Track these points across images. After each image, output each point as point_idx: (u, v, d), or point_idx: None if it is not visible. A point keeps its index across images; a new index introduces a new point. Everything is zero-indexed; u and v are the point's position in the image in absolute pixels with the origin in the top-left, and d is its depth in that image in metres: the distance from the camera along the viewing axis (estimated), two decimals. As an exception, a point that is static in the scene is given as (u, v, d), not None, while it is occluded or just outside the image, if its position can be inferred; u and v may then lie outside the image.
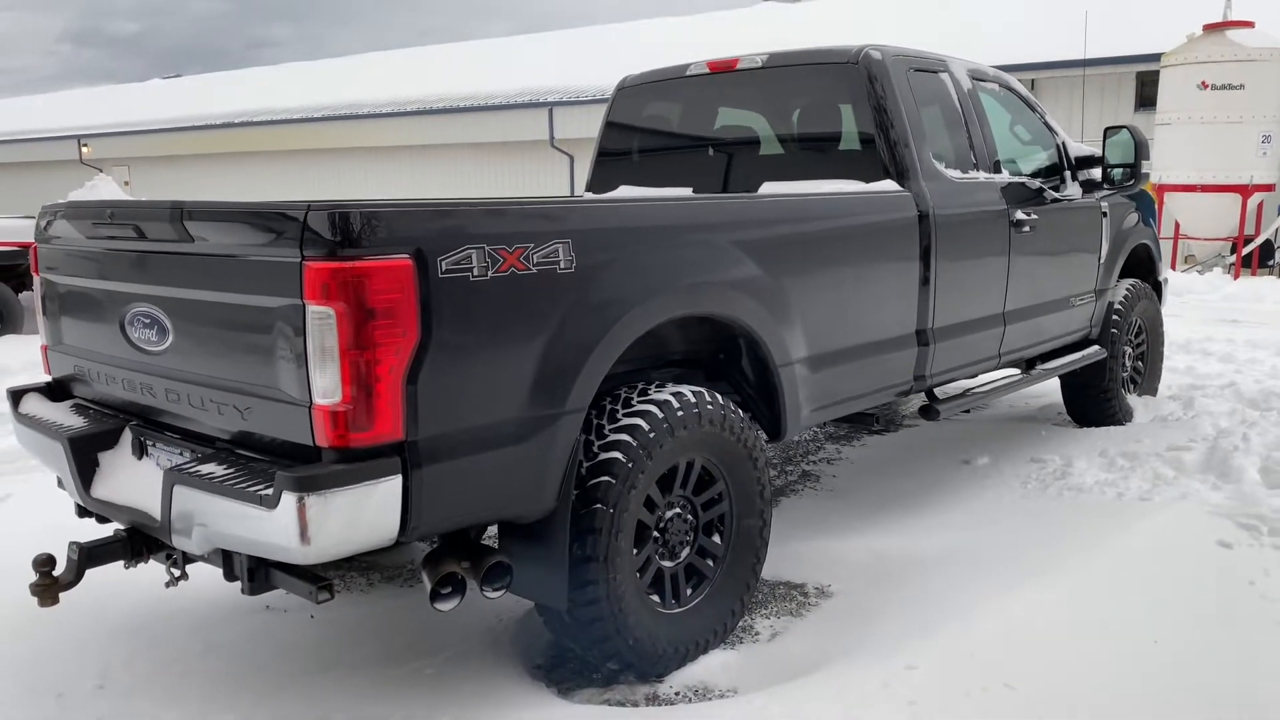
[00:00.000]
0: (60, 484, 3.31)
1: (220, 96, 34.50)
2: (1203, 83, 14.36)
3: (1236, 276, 14.29)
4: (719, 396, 3.40)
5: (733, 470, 3.45)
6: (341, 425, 2.46)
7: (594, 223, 3.06)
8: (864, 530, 4.42)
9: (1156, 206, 7.70)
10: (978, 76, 5.04)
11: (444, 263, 2.57)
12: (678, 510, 3.34)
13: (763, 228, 3.63)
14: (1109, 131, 5.50)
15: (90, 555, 3.06)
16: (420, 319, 2.52)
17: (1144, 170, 5.46)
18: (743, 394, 3.73)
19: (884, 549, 4.16)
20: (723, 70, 4.91)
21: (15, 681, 3.17)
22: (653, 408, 3.15)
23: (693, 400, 3.26)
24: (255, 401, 2.67)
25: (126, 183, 32.96)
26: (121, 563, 3.13)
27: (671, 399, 3.21)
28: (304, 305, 2.45)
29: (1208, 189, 14.52)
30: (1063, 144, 5.51)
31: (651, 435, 3.10)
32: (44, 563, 2.99)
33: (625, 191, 5.12)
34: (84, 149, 33.52)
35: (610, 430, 3.08)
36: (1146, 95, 17.60)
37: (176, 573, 3.09)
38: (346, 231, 2.42)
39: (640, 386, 3.26)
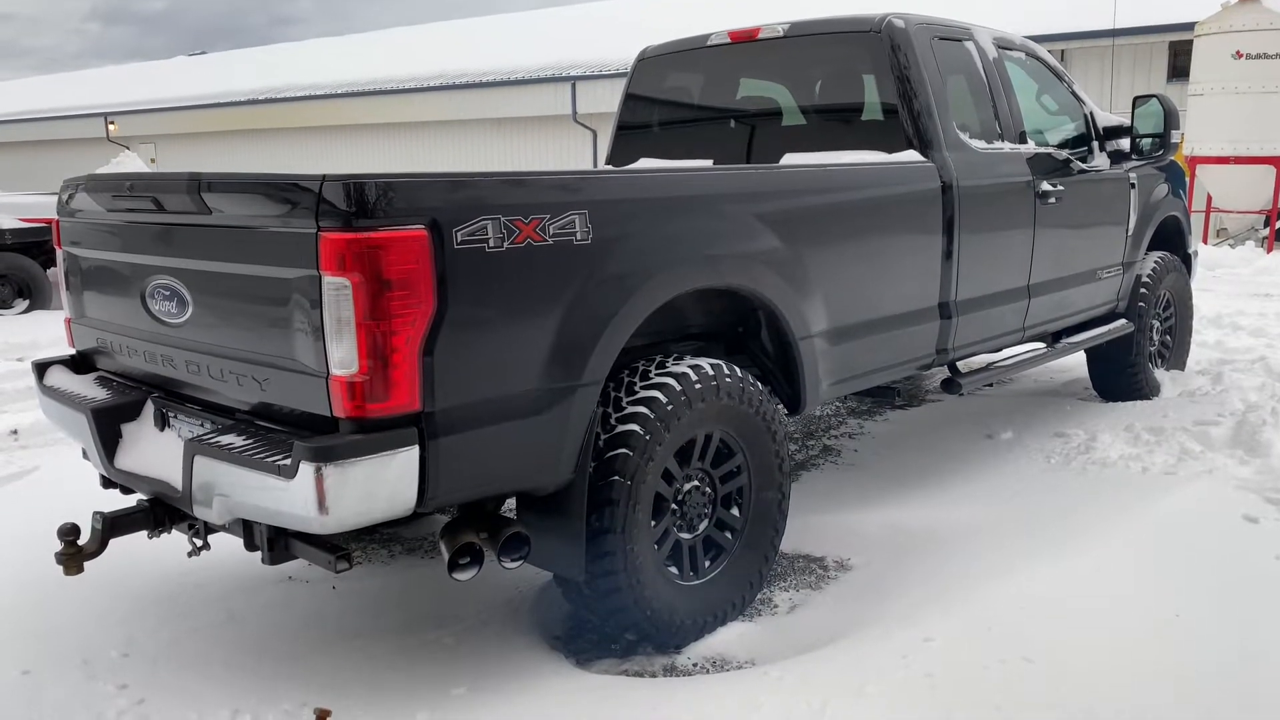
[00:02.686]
0: (85, 455, 3.35)
1: (245, 73, 34.65)
2: (1237, 52, 14.05)
3: (1269, 250, 14.02)
4: (737, 370, 3.38)
5: (751, 443, 3.44)
6: (358, 396, 2.47)
7: (611, 194, 3.04)
8: (884, 504, 4.40)
9: (1187, 178, 7.58)
10: (1003, 45, 4.95)
11: (460, 234, 2.56)
12: (696, 483, 3.33)
13: (783, 199, 3.59)
14: (1138, 101, 5.41)
15: (114, 525, 3.09)
16: (436, 290, 2.52)
17: (1174, 140, 5.37)
18: (762, 367, 3.71)
19: (904, 523, 4.14)
20: (744, 40, 4.85)
21: (42, 648, 3.22)
22: (670, 380, 3.14)
23: (711, 373, 3.24)
24: (273, 373, 2.68)
25: (153, 160, 33.11)
26: (145, 533, 3.16)
27: (689, 372, 3.20)
28: (320, 276, 2.45)
29: (1241, 161, 14.24)
30: (1090, 114, 5.41)
31: (669, 408, 3.09)
32: (68, 532, 3.02)
33: (646, 164, 5.09)
34: (111, 126, 33.76)
35: (628, 403, 3.07)
36: (1179, 66, 17.28)
37: (199, 543, 3.12)
38: (361, 202, 2.42)
39: (658, 359, 3.24)
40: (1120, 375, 5.88)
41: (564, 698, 2.98)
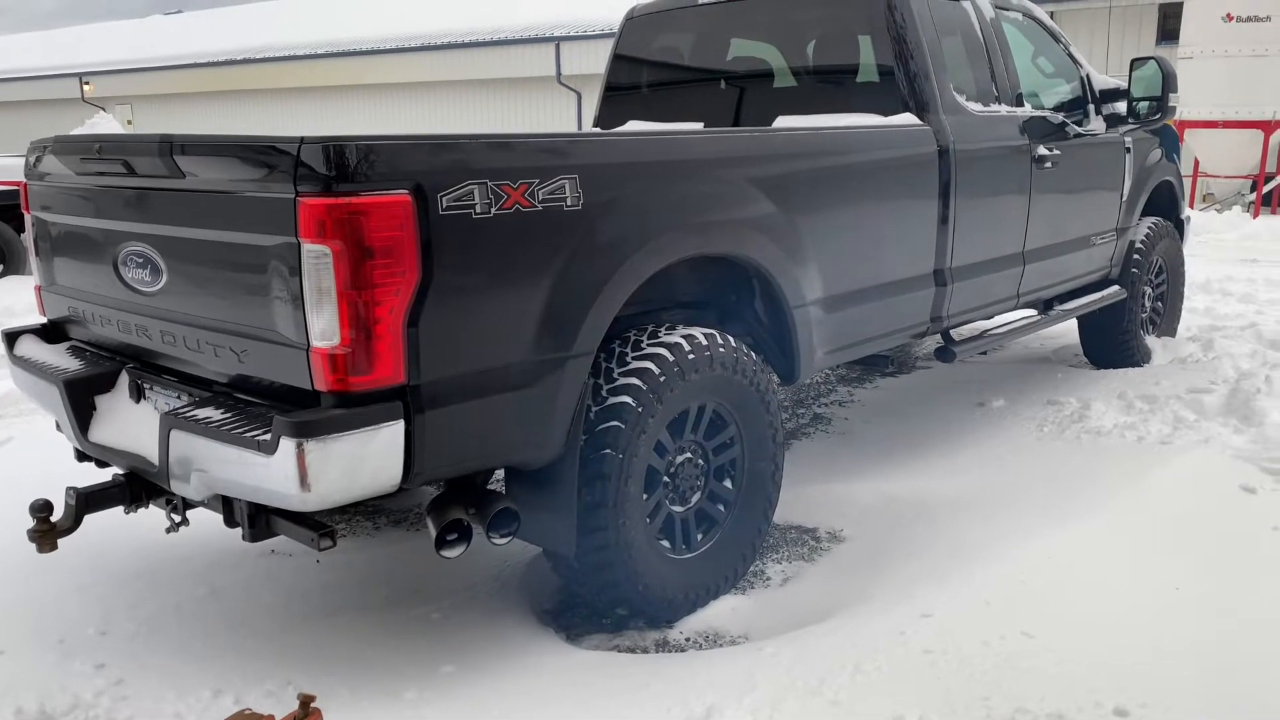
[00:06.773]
0: (58, 428, 3.24)
1: (223, 33, 34.02)
2: (1227, 14, 13.95)
3: (1256, 215, 14.01)
4: (731, 339, 3.30)
5: (745, 414, 3.36)
6: (340, 369, 2.37)
7: (601, 158, 2.93)
8: (876, 474, 4.34)
9: (1179, 142, 7.51)
10: (1001, 5, 4.84)
11: (445, 199, 2.46)
12: (688, 455, 3.26)
13: (777, 163, 3.49)
14: (1135, 63, 5.31)
15: (88, 501, 2.99)
16: (421, 258, 2.42)
17: (1171, 104, 5.28)
18: (755, 336, 3.63)
19: (897, 492, 4.09)
20: (735, -1, 4.72)
21: (17, 627, 3.13)
22: (663, 351, 3.05)
23: (704, 343, 3.16)
24: (252, 344, 2.58)
25: (129, 121, 32.68)
26: (121, 508, 3.07)
27: (682, 342, 3.11)
28: (299, 244, 2.35)
29: (1229, 125, 14.19)
30: (1087, 76, 5.32)
31: (662, 379, 3.01)
32: (41, 508, 2.92)
33: (634, 127, 4.97)
34: (86, 87, 33.17)
35: (619, 374, 2.99)
36: (1169, 28, 17.17)
37: (177, 518, 3.03)
38: (342, 166, 2.31)
39: (650, 329, 3.16)
40: (1112, 342, 5.83)
41: (555, 674, 2.92)
